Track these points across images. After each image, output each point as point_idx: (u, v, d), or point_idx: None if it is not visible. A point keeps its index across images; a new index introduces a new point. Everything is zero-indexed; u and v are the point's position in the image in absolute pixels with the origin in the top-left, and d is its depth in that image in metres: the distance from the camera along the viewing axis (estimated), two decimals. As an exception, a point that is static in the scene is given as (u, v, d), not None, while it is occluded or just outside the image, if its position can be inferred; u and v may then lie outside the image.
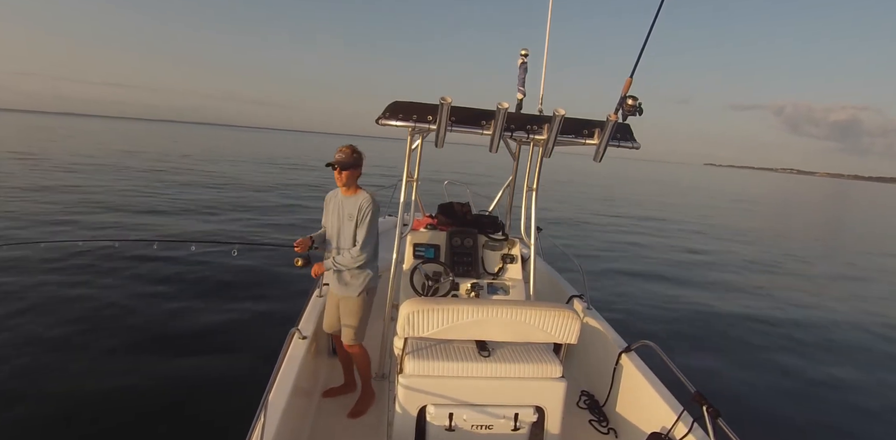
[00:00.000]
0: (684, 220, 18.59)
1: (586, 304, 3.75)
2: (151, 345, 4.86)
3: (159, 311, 5.68)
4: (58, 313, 5.39)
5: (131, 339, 4.94)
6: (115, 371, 4.35)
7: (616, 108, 2.67)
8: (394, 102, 2.83)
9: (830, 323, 7.55)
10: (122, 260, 7.26)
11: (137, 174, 19.11)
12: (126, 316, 5.49)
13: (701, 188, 48.10)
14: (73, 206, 11.44)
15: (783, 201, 40.95)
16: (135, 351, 4.73)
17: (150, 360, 4.58)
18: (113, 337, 4.97)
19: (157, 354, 4.70)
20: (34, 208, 10.86)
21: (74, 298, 5.83)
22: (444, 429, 2.40)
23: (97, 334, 4.99)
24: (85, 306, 5.64)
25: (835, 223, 25.98)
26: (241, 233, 10.22)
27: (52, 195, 12.65)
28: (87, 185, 14.96)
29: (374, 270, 3.06)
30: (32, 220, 9.76)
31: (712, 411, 2.18)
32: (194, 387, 4.17)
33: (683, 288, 8.73)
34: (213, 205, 13.16)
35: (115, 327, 5.19)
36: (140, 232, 9.46)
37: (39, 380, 4.12)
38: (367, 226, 2.85)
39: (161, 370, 4.42)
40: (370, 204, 2.85)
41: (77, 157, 23.94)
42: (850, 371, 5.78)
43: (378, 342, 3.53)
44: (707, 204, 28.55)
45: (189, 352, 4.79)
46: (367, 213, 2.84)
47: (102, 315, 5.46)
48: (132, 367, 4.42)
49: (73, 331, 5.02)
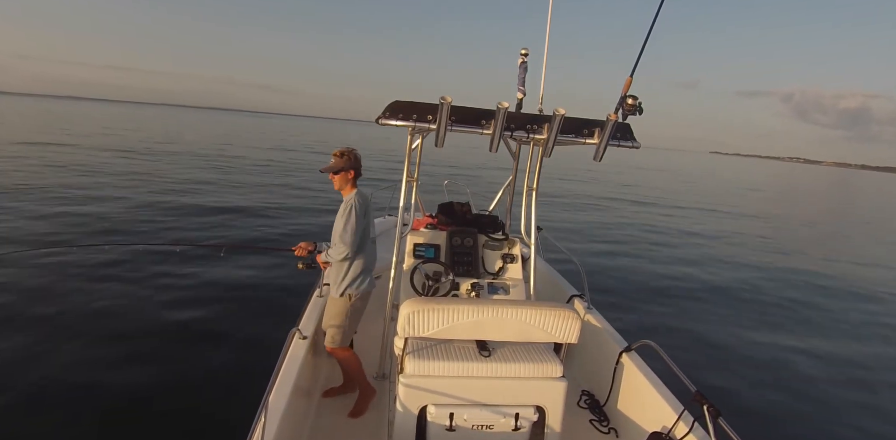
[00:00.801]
0: (688, 215, 18.60)
1: (587, 304, 3.75)
2: (151, 345, 4.86)
3: (159, 311, 5.67)
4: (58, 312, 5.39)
5: (130, 340, 4.94)
6: (116, 371, 4.35)
7: (616, 108, 2.67)
8: (394, 102, 2.83)
9: (835, 324, 7.55)
10: (119, 262, 7.26)
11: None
12: (124, 316, 5.49)
13: (711, 177, 47.42)
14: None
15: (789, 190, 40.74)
16: (135, 351, 4.73)
17: (151, 360, 4.58)
18: (112, 337, 4.96)
19: (158, 354, 4.70)
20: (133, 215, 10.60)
21: (73, 298, 5.84)
22: (444, 429, 2.40)
23: (97, 334, 4.99)
24: (84, 306, 5.64)
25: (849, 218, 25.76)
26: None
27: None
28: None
29: (365, 275, 3.05)
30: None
31: (713, 410, 2.18)
32: (195, 387, 4.17)
33: (684, 287, 8.72)
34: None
35: (115, 327, 5.18)
36: (128, 235, 9.40)
37: (39, 377, 4.12)
38: (343, 223, 2.90)
39: (161, 370, 4.42)
40: (350, 202, 2.93)
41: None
42: (852, 372, 5.79)
43: (378, 342, 3.53)
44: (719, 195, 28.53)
45: (189, 352, 4.79)
46: (344, 211, 2.92)
47: (99, 316, 5.46)
48: (132, 367, 4.42)
49: (69, 330, 5.03)
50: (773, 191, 41.35)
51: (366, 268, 3.06)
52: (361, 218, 2.93)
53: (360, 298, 3.07)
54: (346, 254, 2.90)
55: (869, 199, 43.76)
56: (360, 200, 2.96)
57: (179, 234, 9.39)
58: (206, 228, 10.00)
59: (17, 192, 11.66)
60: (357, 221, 2.89)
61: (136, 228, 9.42)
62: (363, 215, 2.96)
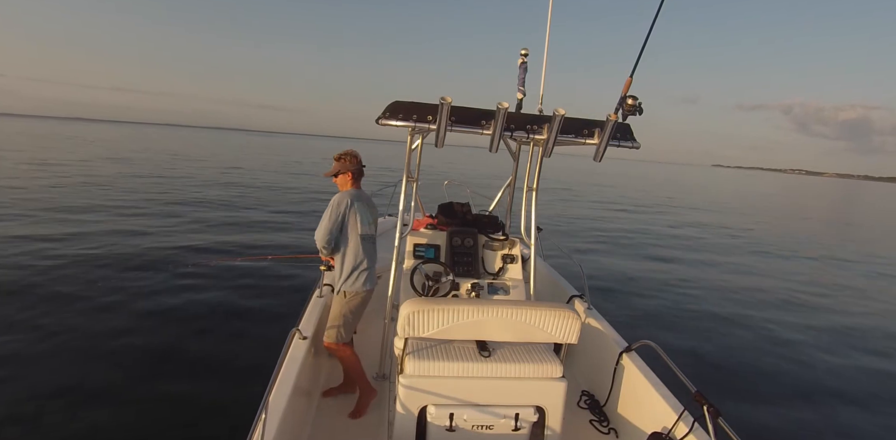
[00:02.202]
0: (689, 219, 18.63)
1: (587, 304, 3.75)
2: (152, 345, 4.86)
3: (159, 311, 5.68)
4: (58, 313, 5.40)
5: (130, 340, 4.94)
6: (116, 371, 4.35)
7: (616, 108, 2.67)
8: (394, 102, 2.83)
9: (840, 325, 7.55)
10: (117, 267, 7.27)
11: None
12: (124, 316, 5.50)
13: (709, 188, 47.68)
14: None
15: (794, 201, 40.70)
16: (134, 351, 4.73)
17: (151, 360, 4.58)
18: (112, 337, 4.97)
19: (157, 354, 4.70)
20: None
21: (72, 297, 5.84)
22: (444, 430, 2.40)
23: (95, 334, 5.00)
24: (81, 306, 5.64)
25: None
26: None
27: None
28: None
29: (360, 272, 3.08)
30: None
31: (713, 411, 2.18)
32: (195, 386, 4.17)
33: (684, 286, 8.72)
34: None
35: (114, 327, 5.19)
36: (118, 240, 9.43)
37: (36, 377, 4.13)
38: (323, 216, 3.00)
39: (161, 370, 4.43)
40: (334, 201, 3.01)
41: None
42: (855, 372, 5.78)
43: (378, 342, 3.53)
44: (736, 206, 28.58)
45: (189, 351, 4.80)
46: (327, 208, 3.01)
47: (97, 313, 5.46)
48: (132, 367, 4.43)
49: (64, 330, 5.03)
50: (784, 197, 40.90)
51: (358, 266, 3.07)
52: (340, 215, 3.00)
53: (357, 296, 3.09)
54: (319, 246, 3.05)
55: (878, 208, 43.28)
56: (346, 199, 3.01)
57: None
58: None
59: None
60: (330, 218, 2.98)
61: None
62: (345, 213, 3.01)
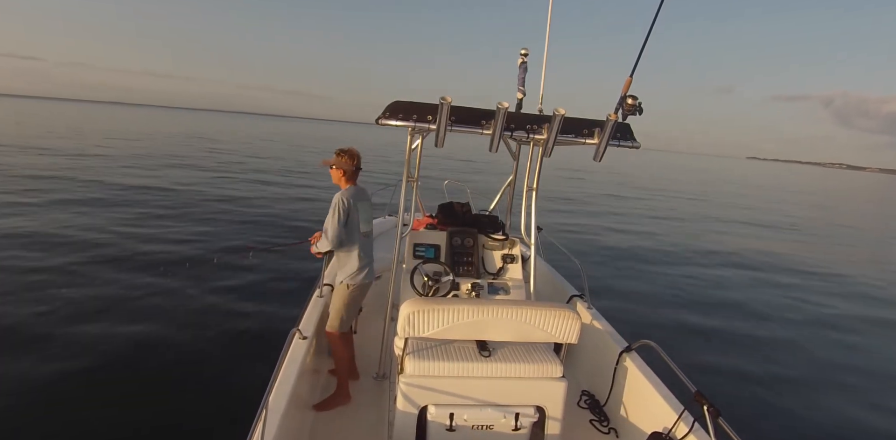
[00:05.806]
0: (686, 218, 18.60)
1: (587, 304, 3.75)
2: (151, 346, 4.86)
3: (157, 311, 5.68)
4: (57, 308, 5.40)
5: (129, 341, 4.94)
6: (115, 371, 4.35)
7: (616, 108, 2.68)
8: (394, 102, 2.84)
9: (845, 327, 7.54)
10: (117, 261, 7.27)
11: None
12: (123, 315, 5.50)
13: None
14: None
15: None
16: (134, 351, 4.73)
17: (150, 360, 4.58)
18: (111, 335, 4.97)
19: (158, 354, 4.70)
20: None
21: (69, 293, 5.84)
22: (444, 429, 2.40)
23: (94, 334, 4.99)
24: (79, 305, 5.64)
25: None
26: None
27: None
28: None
29: (360, 266, 3.18)
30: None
31: (713, 411, 2.18)
32: (195, 386, 4.17)
33: (685, 288, 8.72)
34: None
35: (113, 326, 5.19)
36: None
37: (33, 377, 4.13)
38: (328, 220, 3.08)
39: (161, 369, 4.43)
40: (337, 199, 3.07)
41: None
42: (856, 373, 5.78)
43: (378, 342, 3.53)
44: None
45: (189, 352, 4.80)
46: (331, 209, 3.07)
47: (98, 311, 5.47)
48: (131, 367, 4.43)
49: (61, 330, 5.02)
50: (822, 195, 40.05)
51: (358, 260, 3.18)
52: (345, 215, 3.08)
53: (357, 288, 3.21)
54: (331, 248, 3.12)
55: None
56: (348, 197, 3.09)
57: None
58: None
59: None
60: (339, 219, 3.04)
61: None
62: (348, 212, 3.09)
